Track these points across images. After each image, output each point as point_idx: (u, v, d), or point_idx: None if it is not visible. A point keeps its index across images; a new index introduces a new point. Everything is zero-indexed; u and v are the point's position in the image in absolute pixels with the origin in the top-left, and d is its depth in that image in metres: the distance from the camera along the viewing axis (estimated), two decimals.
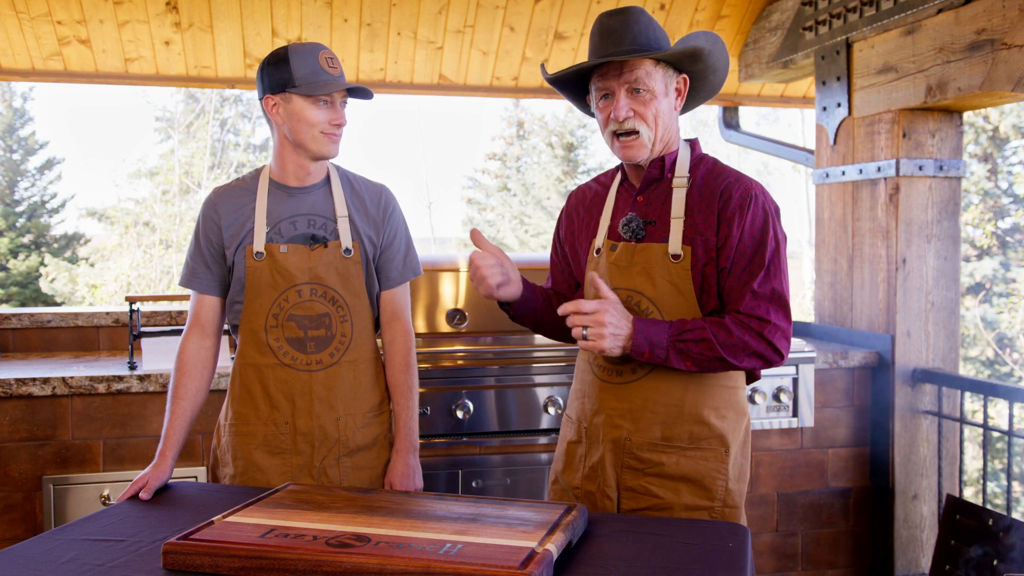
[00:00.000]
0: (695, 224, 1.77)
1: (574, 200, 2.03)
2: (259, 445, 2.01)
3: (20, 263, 16.02)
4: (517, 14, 3.98)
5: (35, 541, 1.53)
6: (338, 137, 2.01)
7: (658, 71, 1.76)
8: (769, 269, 1.72)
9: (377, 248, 2.10)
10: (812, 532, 3.28)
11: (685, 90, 1.84)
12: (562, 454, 1.96)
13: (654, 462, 1.79)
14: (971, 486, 8.49)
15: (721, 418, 1.80)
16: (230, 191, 2.08)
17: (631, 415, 1.80)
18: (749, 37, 4.21)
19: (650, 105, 1.75)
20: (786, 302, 1.73)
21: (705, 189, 1.79)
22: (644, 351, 1.68)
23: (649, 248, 1.79)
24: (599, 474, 1.83)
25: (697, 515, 1.78)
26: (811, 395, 3.17)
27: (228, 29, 3.86)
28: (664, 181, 1.84)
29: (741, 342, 1.69)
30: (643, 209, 1.84)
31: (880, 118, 3.34)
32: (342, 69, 2.00)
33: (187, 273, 2.07)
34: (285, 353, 2.01)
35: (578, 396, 1.93)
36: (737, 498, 1.82)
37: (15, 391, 2.65)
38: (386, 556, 1.30)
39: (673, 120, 1.83)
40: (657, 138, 1.79)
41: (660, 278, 1.77)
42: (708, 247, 1.75)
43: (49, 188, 17.48)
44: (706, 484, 1.78)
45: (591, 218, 1.95)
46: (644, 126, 1.76)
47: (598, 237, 1.90)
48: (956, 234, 3.34)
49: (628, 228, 1.83)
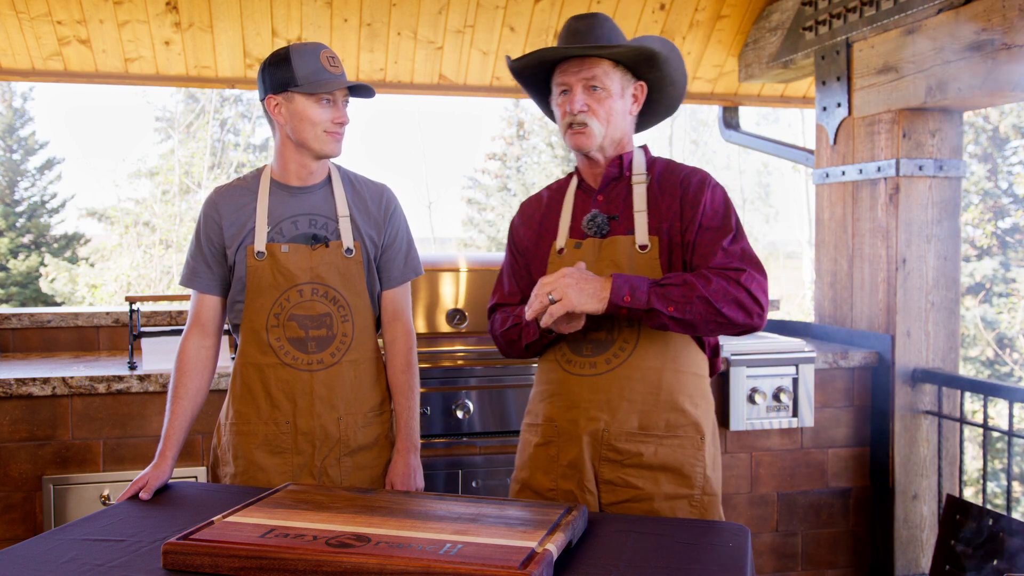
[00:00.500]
0: (659, 215, 1.83)
1: (528, 208, 2.04)
2: (260, 444, 2.01)
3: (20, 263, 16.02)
4: (517, 14, 3.98)
5: (35, 541, 1.53)
6: (341, 136, 2.01)
7: (616, 72, 1.84)
8: (737, 232, 1.79)
9: (378, 248, 2.10)
10: (812, 532, 3.28)
11: (642, 97, 1.91)
12: (528, 460, 1.93)
13: (632, 452, 1.80)
14: (971, 486, 8.49)
15: (695, 405, 1.84)
16: (231, 191, 2.08)
17: (608, 406, 1.81)
18: (749, 37, 4.21)
19: (604, 103, 1.83)
20: (758, 260, 1.76)
21: (664, 183, 1.87)
22: (624, 293, 1.67)
23: (616, 241, 1.83)
24: (577, 471, 1.83)
25: (678, 504, 1.80)
26: (811, 395, 3.17)
27: (228, 29, 3.86)
28: (623, 179, 1.90)
29: (721, 287, 1.69)
30: (604, 206, 1.89)
31: (880, 118, 3.34)
32: (343, 68, 2.01)
33: (187, 273, 2.07)
34: (286, 353, 2.01)
35: (545, 397, 1.92)
36: (715, 486, 1.85)
37: (15, 391, 2.65)
38: (386, 556, 1.30)
39: (626, 122, 1.90)
40: (607, 134, 1.85)
41: (629, 269, 1.81)
42: (674, 232, 1.81)
43: (49, 188, 17.48)
44: (685, 472, 1.81)
45: (549, 222, 1.96)
46: (595, 121, 1.83)
47: (559, 238, 1.91)
48: (956, 234, 3.34)
49: (593, 224, 1.86)
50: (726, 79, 4.42)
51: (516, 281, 2.02)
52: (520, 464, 1.97)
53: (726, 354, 3.12)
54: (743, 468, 3.20)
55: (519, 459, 1.98)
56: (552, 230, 1.95)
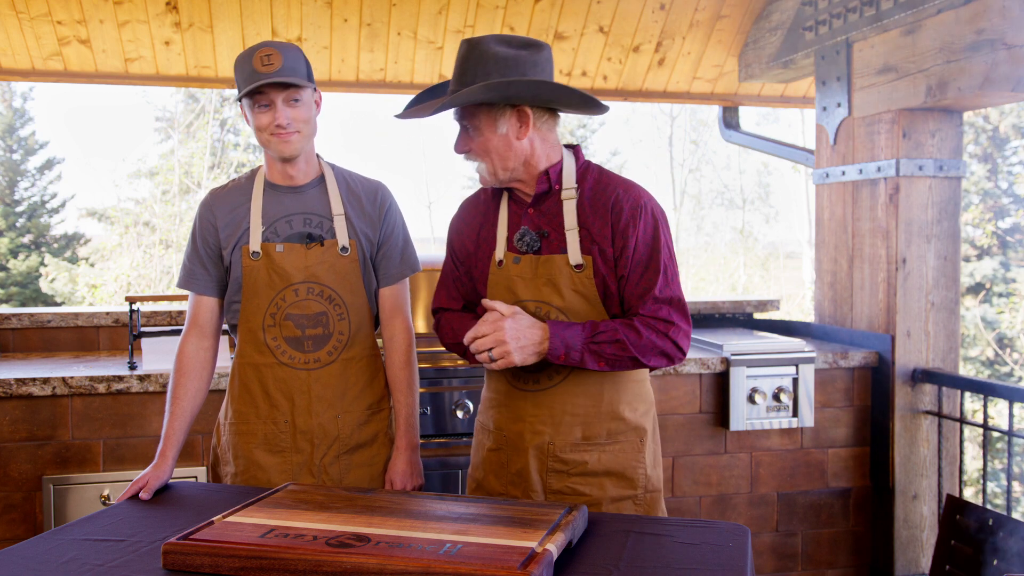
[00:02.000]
0: (591, 235, 1.82)
1: (465, 214, 2.01)
2: (259, 444, 2.02)
3: (20, 263, 16.03)
4: (517, 14, 3.98)
5: (35, 541, 1.53)
6: (288, 135, 1.94)
7: (480, 112, 1.79)
8: (666, 274, 1.80)
9: (374, 245, 2.10)
10: (812, 532, 3.28)
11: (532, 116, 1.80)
12: (481, 462, 1.97)
13: (577, 462, 1.85)
14: (971, 486, 8.49)
15: (634, 411, 1.88)
16: (226, 192, 2.08)
17: (552, 420, 1.85)
18: (749, 37, 4.21)
19: (478, 142, 1.81)
20: (684, 305, 1.82)
21: (595, 200, 1.83)
22: (560, 354, 1.75)
23: (551, 260, 1.83)
24: (524, 480, 1.87)
25: (623, 505, 1.86)
26: (811, 395, 3.17)
27: (228, 29, 3.86)
28: (553, 193, 1.86)
29: (650, 342, 1.76)
30: (535, 221, 1.87)
31: (880, 118, 3.34)
32: (286, 65, 1.90)
33: (185, 275, 2.08)
34: (283, 352, 2.01)
35: (493, 404, 1.95)
36: (657, 483, 1.91)
37: (15, 391, 2.65)
38: (386, 556, 1.30)
39: (517, 149, 1.81)
40: (498, 168, 1.83)
41: (566, 288, 1.82)
42: (606, 257, 1.81)
43: (49, 188, 17.49)
44: (628, 475, 1.86)
45: (486, 232, 1.95)
46: (479, 161, 1.83)
47: (497, 250, 1.90)
48: (956, 234, 3.34)
49: (523, 242, 1.86)
50: (726, 79, 4.42)
51: (458, 287, 2.02)
52: (475, 464, 2.01)
53: (726, 354, 3.12)
54: (743, 468, 3.20)
55: (474, 458, 2.02)
56: (490, 240, 1.93)
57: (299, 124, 1.95)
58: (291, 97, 1.93)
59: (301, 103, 1.95)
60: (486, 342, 1.74)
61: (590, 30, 4.10)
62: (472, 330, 1.77)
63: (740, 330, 3.74)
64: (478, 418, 2.02)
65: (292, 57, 1.92)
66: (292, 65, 1.91)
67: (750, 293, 19.25)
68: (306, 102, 1.97)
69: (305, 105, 1.96)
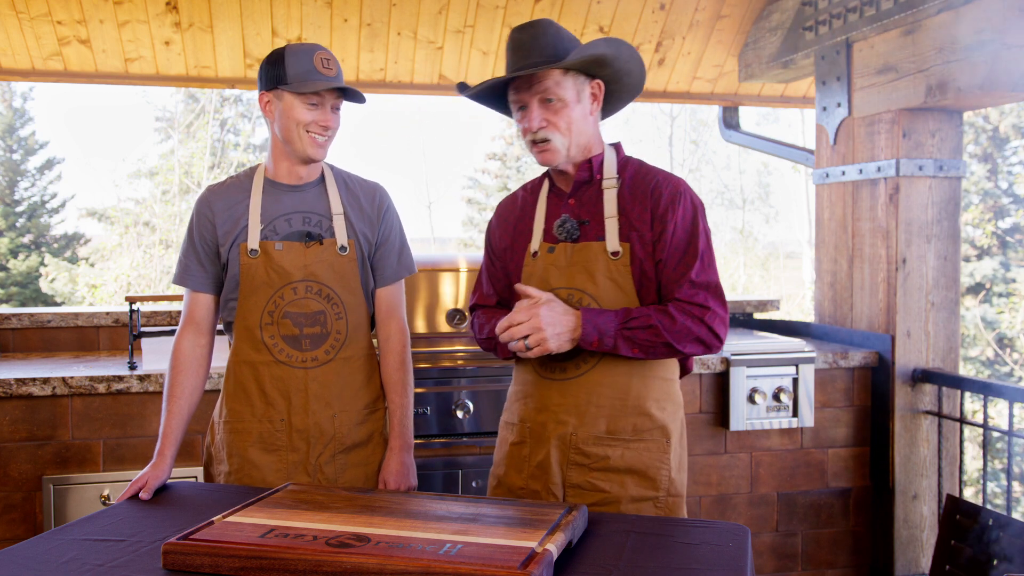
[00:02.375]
0: (630, 222, 1.83)
1: (503, 210, 2.05)
2: (254, 442, 2.01)
3: (20, 263, 16.03)
4: (517, 14, 3.98)
5: (35, 541, 1.53)
6: (324, 140, 2.00)
7: (567, 79, 1.82)
8: (703, 259, 1.80)
9: (372, 245, 2.10)
10: (812, 532, 3.28)
11: (601, 94, 1.89)
12: (503, 457, 1.96)
13: (600, 456, 1.82)
14: (971, 486, 8.49)
15: (662, 409, 1.86)
16: (224, 188, 2.08)
17: (576, 410, 1.83)
18: (749, 37, 4.21)
19: (562, 114, 1.81)
20: (721, 291, 1.81)
21: (635, 188, 1.86)
22: (593, 340, 1.74)
23: (588, 247, 1.84)
24: (544, 472, 1.86)
25: (643, 506, 1.83)
26: (811, 395, 3.17)
27: (228, 29, 3.86)
28: (594, 183, 1.89)
29: (684, 328, 1.75)
30: (575, 211, 1.89)
31: (880, 118, 3.34)
32: (339, 72, 1.99)
33: (180, 271, 2.07)
34: (280, 350, 2.01)
35: (519, 398, 1.95)
36: (680, 487, 1.87)
37: (15, 391, 2.65)
38: (386, 556, 1.30)
39: (589, 125, 1.87)
40: (571, 143, 1.84)
41: (601, 275, 1.82)
42: (644, 242, 1.81)
43: (49, 188, 17.49)
44: (650, 475, 1.83)
45: (523, 225, 1.97)
46: (557, 134, 1.82)
47: (533, 241, 1.92)
48: (956, 234, 3.34)
49: (563, 229, 1.86)
50: (726, 79, 4.42)
51: (493, 283, 2.04)
52: (497, 461, 2.00)
53: (726, 354, 3.12)
54: (743, 468, 3.20)
55: (496, 455, 2.01)
56: (526, 233, 1.95)
57: (335, 129, 2.02)
58: (337, 104, 2.00)
59: (340, 111, 2.02)
60: (522, 329, 1.73)
61: (590, 30, 4.10)
62: (506, 318, 1.77)
63: (740, 330, 3.74)
64: (503, 416, 2.01)
65: (339, 68, 2.01)
66: (342, 75, 2.00)
67: (750, 293, 19.25)
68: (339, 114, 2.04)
69: (339, 116, 2.03)
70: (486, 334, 1.97)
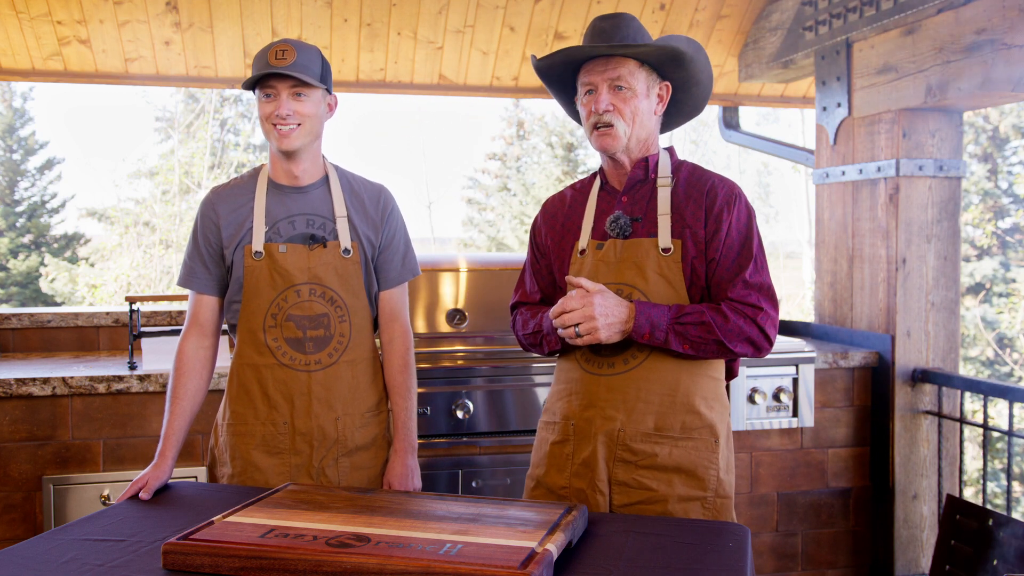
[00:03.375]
0: (683, 219, 1.83)
1: (551, 207, 2.04)
2: (257, 445, 2.01)
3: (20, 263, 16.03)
4: (517, 14, 3.98)
5: (35, 541, 1.53)
6: (290, 130, 1.96)
7: (641, 72, 1.83)
8: (757, 261, 1.81)
9: (376, 248, 2.10)
10: (812, 532, 3.28)
11: (667, 97, 1.90)
12: (544, 457, 1.93)
13: (647, 453, 1.80)
14: (971, 486, 8.49)
15: (710, 408, 1.84)
16: (228, 190, 2.08)
17: (624, 406, 1.81)
18: (749, 37, 4.21)
19: (630, 102, 1.82)
20: (774, 294, 1.81)
21: (690, 188, 1.86)
22: (645, 332, 1.73)
23: (639, 243, 1.83)
24: (590, 470, 1.83)
25: (690, 506, 1.80)
26: (811, 395, 3.17)
27: (228, 29, 3.86)
28: (648, 182, 1.89)
29: (736, 327, 1.75)
30: (628, 208, 1.89)
31: (880, 118, 3.34)
32: (297, 60, 1.93)
33: (185, 273, 2.07)
34: (284, 353, 2.01)
35: (563, 395, 1.92)
36: (728, 488, 1.85)
37: (15, 391, 2.65)
38: (386, 556, 1.30)
39: (652, 122, 1.88)
40: (633, 134, 1.84)
41: (651, 271, 1.82)
42: (697, 240, 1.81)
43: (49, 188, 17.49)
44: (699, 474, 1.81)
45: (571, 223, 1.96)
46: (621, 121, 1.82)
47: (581, 239, 1.91)
48: (956, 234, 3.34)
49: (616, 225, 1.86)
50: (726, 79, 4.42)
51: (537, 280, 2.04)
52: (536, 461, 1.96)
53: None
54: (743, 468, 3.20)
55: (535, 456, 1.98)
56: (574, 230, 1.95)
57: (300, 118, 1.96)
58: (297, 91, 1.95)
59: (307, 99, 1.97)
60: (574, 316, 1.73)
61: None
62: (559, 304, 1.76)
63: None
64: (542, 417, 1.99)
65: (307, 56, 1.95)
66: (305, 63, 1.94)
67: None
68: (314, 100, 1.98)
69: (311, 102, 1.97)
70: (531, 329, 1.95)
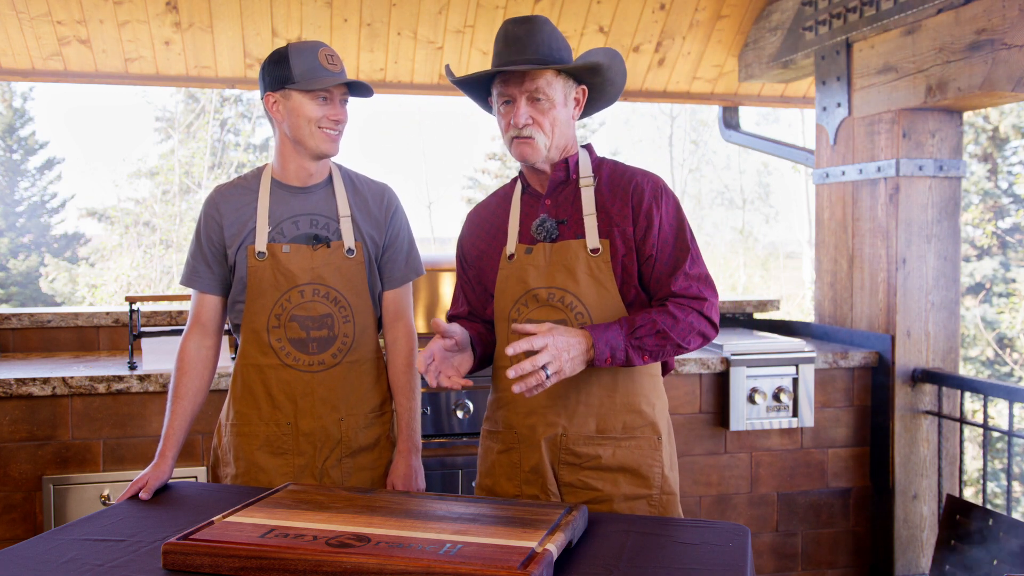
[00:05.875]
0: (610, 218, 1.83)
1: (475, 217, 2.04)
2: (261, 445, 2.01)
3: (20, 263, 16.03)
4: (517, 14, 3.98)
5: (35, 541, 1.53)
6: (337, 135, 2.00)
7: (558, 81, 1.82)
8: (692, 251, 1.82)
9: (380, 248, 2.10)
10: (812, 532, 3.28)
11: (583, 100, 1.90)
12: (491, 467, 1.93)
13: (590, 455, 1.82)
14: (971, 486, 8.49)
15: (651, 406, 1.86)
16: (232, 190, 2.07)
17: (565, 411, 1.83)
18: (749, 37, 4.21)
19: (548, 114, 1.81)
20: (711, 280, 1.83)
21: (614, 186, 1.86)
22: (606, 357, 1.71)
23: (567, 245, 1.83)
24: (539, 476, 1.85)
25: (636, 504, 1.82)
26: (811, 395, 3.17)
27: (228, 29, 3.86)
28: (570, 182, 1.89)
29: (687, 324, 1.76)
30: (552, 211, 1.89)
31: (880, 118, 3.34)
32: (343, 66, 2.00)
33: (188, 272, 2.07)
34: (287, 354, 2.00)
35: (502, 404, 1.92)
36: (673, 485, 1.87)
37: (15, 391, 2.65)
38: (386, 556, 1.30)
39: (570, 127, 1.88)
40: (552, 144, 1.84)
41: (581, 272, 1.82)
42: (626, 238, 1.81)
43: (49, 188, 17.50)
44: (643, 472, 1.83)
45: (497, 230, 1.96)
46: (540, 133, 1.81)
47: (508, 244, 1.91)
48: (956, 234, 3.34)
49: (542, 229, 1.86)
50: (726, 79, 4.42)
51: (464, 292, 2.03)
52: (484, 471, 1.97)
53: (726, 354, 3.12)
54: (743, 468, 3.20)
55: (482, 466, 1.98)
56: (501, 237, 1.94)
57: (344, 125, 2.01)
58: (345, 99, 2.00)
59: (346, 107, 2.02)
60: (543, 357, 1.62)
61: (590, 30, 4.10)
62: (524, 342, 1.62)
63: (740, 330, 3.74)
64: (484, 425, 1.99)
65: (342, 63, 2.02)
66: (345, 70, 2.00)
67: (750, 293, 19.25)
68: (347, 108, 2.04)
69: (347, 110, 2.03)
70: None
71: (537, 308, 1.84)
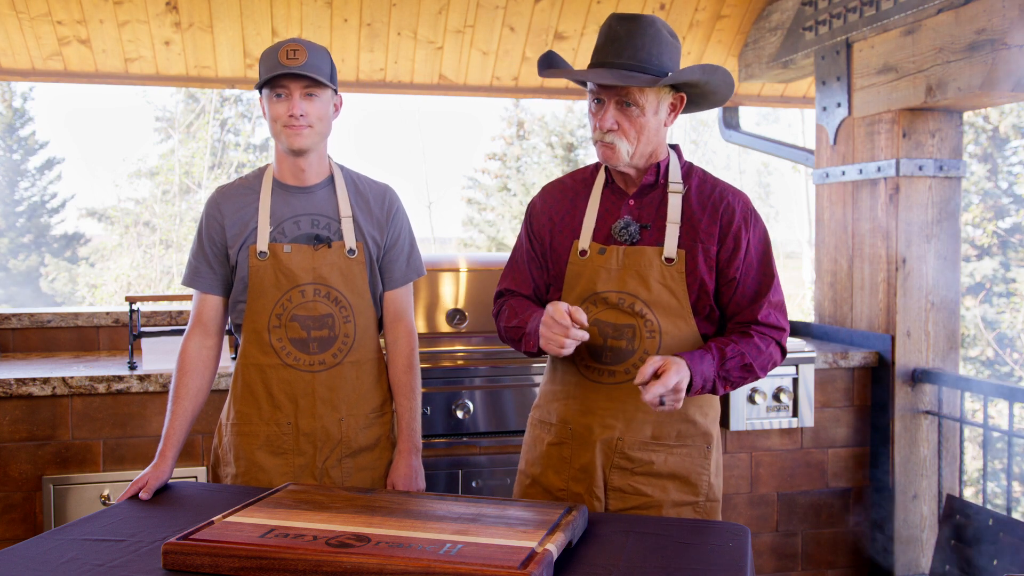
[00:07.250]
0: (695, 232, 1.80)
1: (550, 196, 1.96)
2: (261, 445, 2.01)
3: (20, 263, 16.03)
4: (517, 14, 3.98)
5: (35, 541, 1.53)
6: (300, 128, 1.96)
7: (650, 90, 1.75)
8: (775, 279, 1.83)
9: (381, 248, 2.10)
10: (812, 532, 3.28)
11: (681, 106, 1.84)
12: (540, 457, 1.91)
13: (644, 461, 1.82)
14: (971, 486, 8.48)
15: (704, 415, 1.87)
16: (234, 190, 2.08)
17: (624, 415, 1.82)
18: (749, 37, 4.21)
19: (636, 121, 1.76)
20: (786, 307, 1.86)
21: (703, 199, 1.83)
22: (698, 388, 1.72)
23: (642, 251, 1.81)
24: (588, 475, 1.84)
25: (683, 510, 1.84)
26: (811, 395, 3.17)
27: (228, 29, 3.86)
28: (658, 187, 1.86)
29: (768, 355, 1.80)
30: (636, 213, 1.85)
31: (880, 118, 3.34)
32: (309, 60, 1.93)
33: (190, 272, 2.07)
34: (288, 354, 2.00)
35: (559, 397, 1.90)
36: (717, 492, 1.89)
37: (15, 391, 2.65)
38: (386, 556, 1.30)
39: (659, 135, 1.82)
40: (637, 151, 1.79)
41: (654, 281, 1.79)
42: (708, 256, 1.80)
43: (49, 188, 17.50)
44: (692, 480, 1.84)
45: (572, 218, 1.90)
46: (624, 141, 1.76)
47: (582, 238, 1.86)
48: (956, 234, 3.34)
49: (626, 232, 1.82)
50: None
51: (530, 270, 1.95)
52: (531, 460, 1.95)
53: None
54: (743, 468, 3.20)
55: (529, 454, 1.96)
56: (575, 227, 1.88)
57: (312, 119, 1.97)
58: (308, 91, 1.95)
59: (317, 99, 1.97)
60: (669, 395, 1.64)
61: (590, 30, 4.10)
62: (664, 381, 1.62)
63: None
64: (534, 413, 1.97)
65: (317, 56, 1.96)
66: (316, 63, 1.94)
67: None
68: (324, 100, 1.99)
69: (322, 103, 1.98)
70: (514, 323, 1.88)
71: (606, 309, 1.82)
